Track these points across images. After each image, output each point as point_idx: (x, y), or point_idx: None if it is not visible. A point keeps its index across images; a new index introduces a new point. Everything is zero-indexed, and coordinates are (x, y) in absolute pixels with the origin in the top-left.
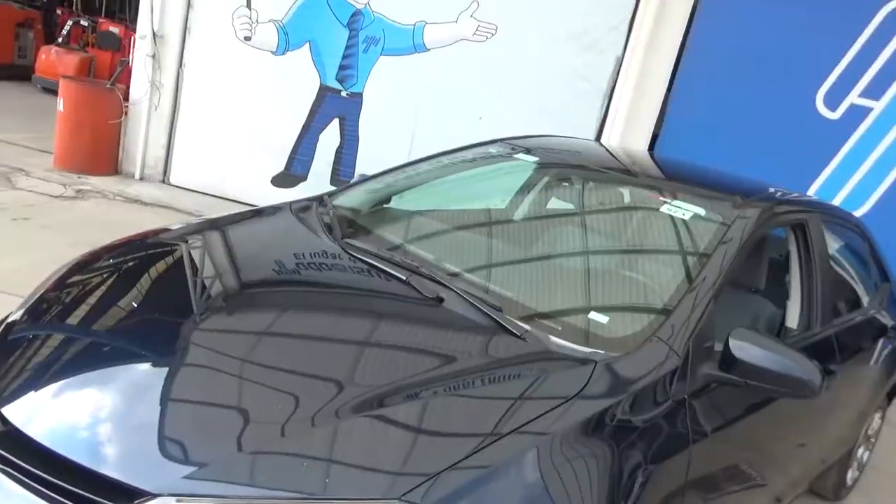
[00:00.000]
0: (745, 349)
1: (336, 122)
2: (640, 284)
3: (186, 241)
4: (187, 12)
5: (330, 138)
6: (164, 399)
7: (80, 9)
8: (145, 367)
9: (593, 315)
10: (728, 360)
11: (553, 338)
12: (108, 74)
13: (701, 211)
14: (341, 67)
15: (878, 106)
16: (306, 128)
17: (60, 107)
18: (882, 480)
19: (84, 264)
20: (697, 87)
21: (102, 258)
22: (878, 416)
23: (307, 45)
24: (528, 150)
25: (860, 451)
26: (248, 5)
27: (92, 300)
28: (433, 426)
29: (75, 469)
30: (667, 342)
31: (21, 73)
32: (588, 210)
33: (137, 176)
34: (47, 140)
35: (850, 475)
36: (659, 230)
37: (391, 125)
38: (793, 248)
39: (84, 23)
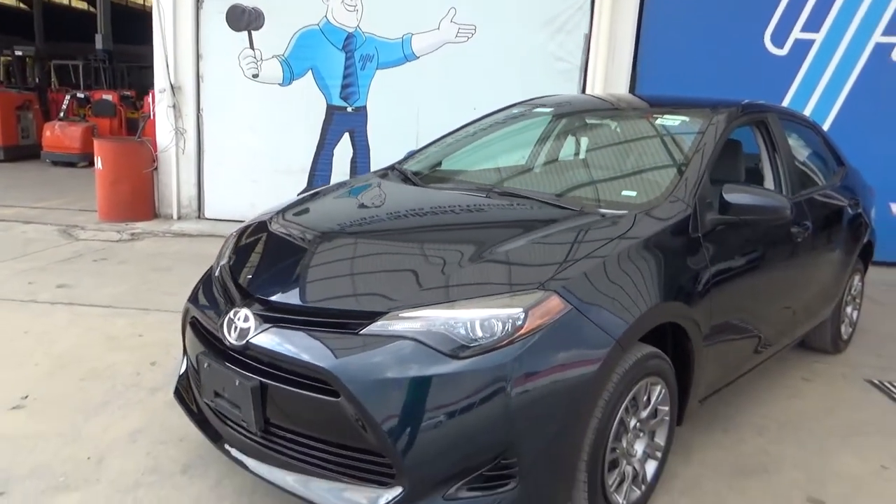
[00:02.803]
0: (735, 196)
1: (346, 136)
2: (653, 170)
3: (319, 198)
4: (198, 62)
5: (343, 151)
6: (367, 264)
7: (58, 84)
8: (342, 250)
9: (625, 192)
10: (724, 206)
11: (600, 209)
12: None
13: (686, 118)
14: (343, 87)
15: (818, 37)
16: (321, 146)
17: (99, 165)
18: (871, 338)
19: (249, 228)
20: (659, 50)
21: (263, 222)
22: (857, 278)
23: (310, 72)
24: (543, 105)
25: (849, 309)
26: (252, 46)
27: (282, 234)
28: (543, 253)
29: (325, 311)
30: (680, 198)
31: (27, 152)
32: (604, 132)
33: (175, 216)
34: (82, 201)
35: (844, 330)
36: (659, 136)
37: (396, 130)
38: (760, 141)
39: (81, 95)
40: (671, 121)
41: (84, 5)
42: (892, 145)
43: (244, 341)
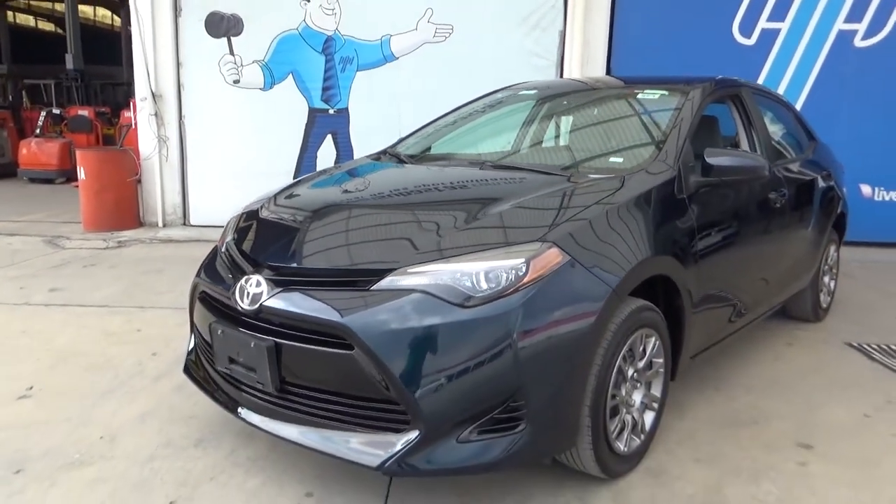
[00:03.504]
0: (716, 158)
1: (329, 138)
2: (637, 140)
3: (315, 178)
4: (178, 70)
5: (327, 153)
6: (372, 229)
7: (30, 104)
8: (345, 219)
9: (612, 158)
10: (706, 168)
11: (590, 175)
12: None
13: (665, 92)
14: (324, 89)
15: (784, 26)
16: (304, 148)
17: (82, 175)
18: (848, 308)
19: (250, 210)
20: (632, 43)
21: (265, 203)
22: (832, 248)
23: (290, 76)
24: (527, 88)
25: (826, 279)
26: (231, 52)
27: (284, 210)
28: (539, 212)
29: (335, 271)
30: (664, 162)
31: (3, 171)
32: (587, 109)
33: (160, 224)
34: (65, 214)
35: (823, 299)
36: (641, 110)
37: (378, 130)
38: (735, 114)
39: (56, 111)
40: (652, 95)
41: (51, 27)
42: (859, 128)
43: (257, 305)
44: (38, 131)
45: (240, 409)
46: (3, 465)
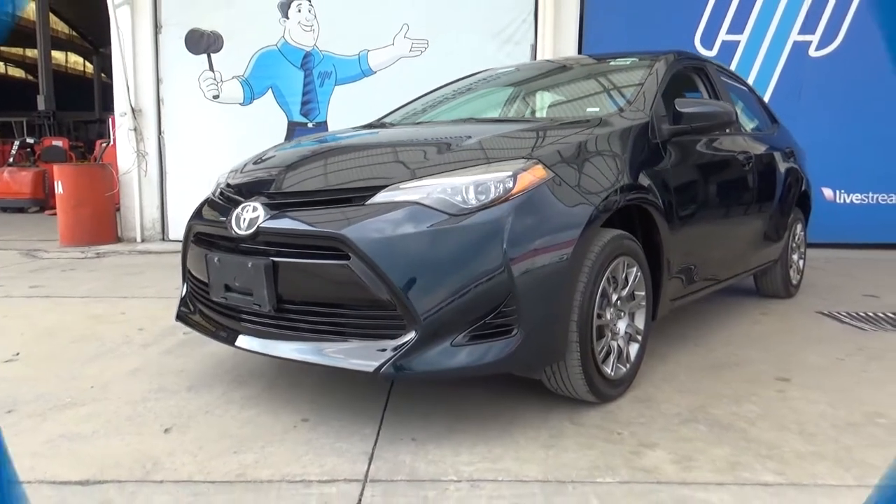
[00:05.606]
0: (685, 106)
1: None
2: (612, 97)
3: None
4: (158, 86)
5: None
6: (363, 158)
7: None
8: (336, 154)
9: (589, 109)
10: (677, 117)
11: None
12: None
13: (636, 59)
14: (303, 103)
15: (742, 38)
16: None
17: (60, 189)
18: (817, 289)
19: (234, 169)
20: None
21: (246, 161)
22: (799, 227)
23: (270, 91)
24: (506, 67)
25: (795, 256)
26: (211, 68)
27: (274, 158)
28: (526, 138)
29: (331, 191)
30: (637, 107)
31: None
32: (566, 80)
33: (139, 239)
34: (40, 235)
35: (794, 276)
36: (614, 74)
37: None
38: (700, 86)
39: (30, 140)
40: (623, 63)
41: (21, 73)
42: (819, 134)
43: (254, 228)
44: (10, 160)
45: (237, 339)
46: None
